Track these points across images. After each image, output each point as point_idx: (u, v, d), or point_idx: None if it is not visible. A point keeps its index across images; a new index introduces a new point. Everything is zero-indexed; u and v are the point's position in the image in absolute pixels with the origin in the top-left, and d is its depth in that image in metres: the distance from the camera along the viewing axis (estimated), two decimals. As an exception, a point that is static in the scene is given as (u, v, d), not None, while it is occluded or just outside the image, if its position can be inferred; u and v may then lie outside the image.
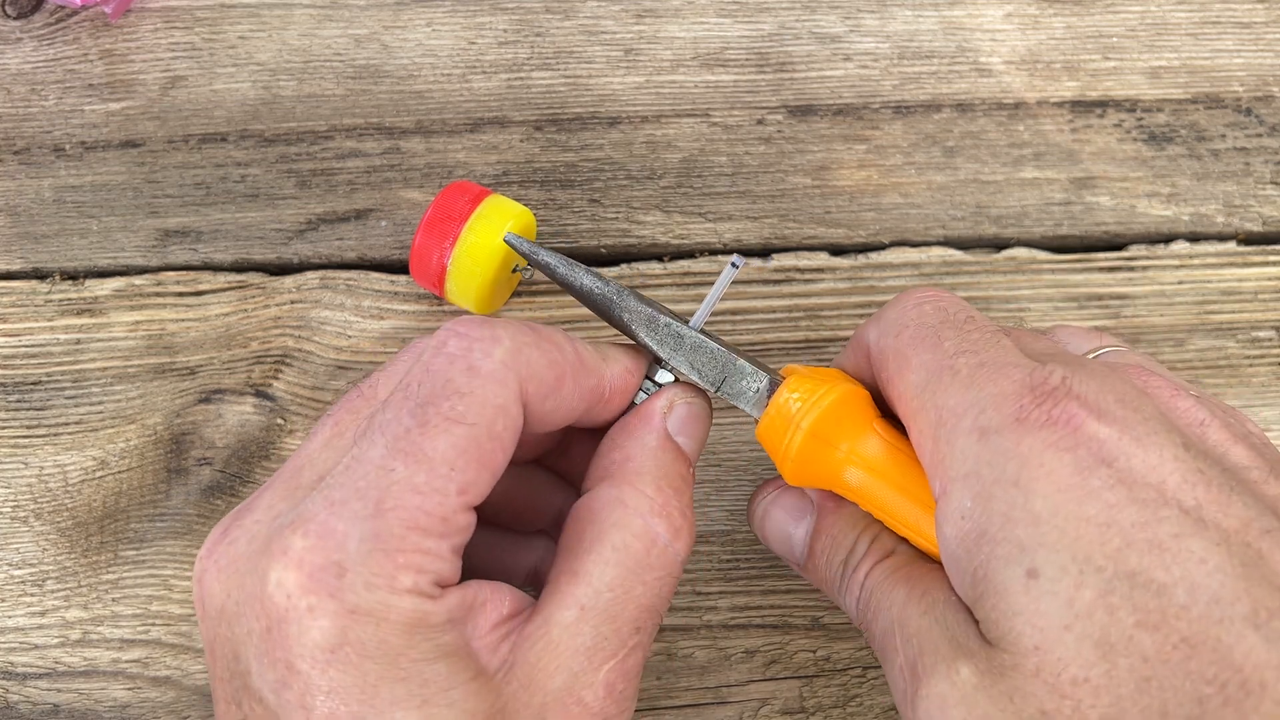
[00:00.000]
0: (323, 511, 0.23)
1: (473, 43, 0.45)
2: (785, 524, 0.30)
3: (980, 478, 0.24)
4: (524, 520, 0.32)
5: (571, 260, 0.30)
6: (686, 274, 0.41)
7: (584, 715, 0.24)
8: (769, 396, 0.28)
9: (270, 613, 0.23)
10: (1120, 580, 0.22)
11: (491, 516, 0.30)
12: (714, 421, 0.37)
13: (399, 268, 0.41)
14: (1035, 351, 0.27)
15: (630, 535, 0.26)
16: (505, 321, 0.26)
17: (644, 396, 0.29)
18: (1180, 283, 0.41)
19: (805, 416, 0.27)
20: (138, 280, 0.40)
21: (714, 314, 0.40)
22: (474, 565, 0.26)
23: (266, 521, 0.25)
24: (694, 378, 0.29)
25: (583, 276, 0.30)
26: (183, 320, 0.39)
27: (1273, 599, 0.21)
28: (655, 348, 0.29)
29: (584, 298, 0.30)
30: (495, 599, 0.25)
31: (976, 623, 0.24)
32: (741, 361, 0.29)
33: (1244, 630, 0.21)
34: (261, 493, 0.26)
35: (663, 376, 0.29)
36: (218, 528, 0.26)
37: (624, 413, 0.29)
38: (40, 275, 0.41)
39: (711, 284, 0.40)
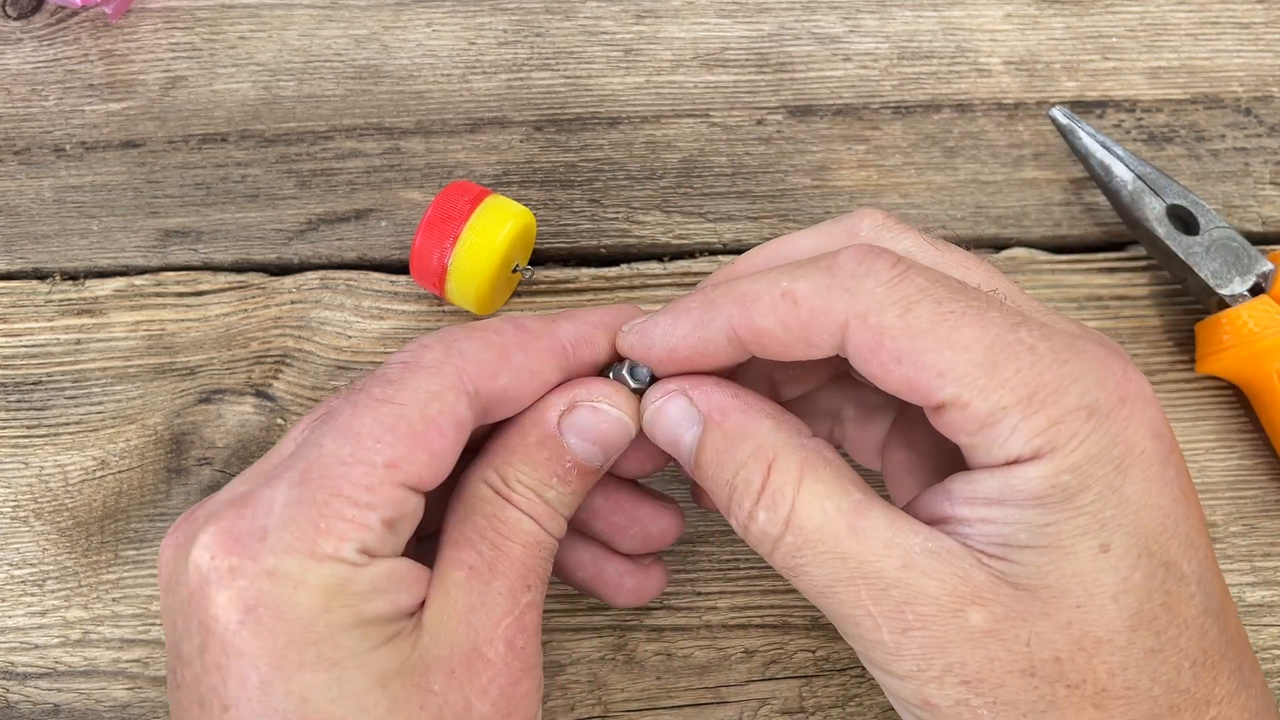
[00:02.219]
0: (259, 486, 0.25)
1: (473, 43, 0.45)
2: (675, 428, 0.29)
3: (1085, 453, 0.25)
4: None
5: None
6: (686, 274, 0.41)
7: (487, 669, 0.25)
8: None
9: (196, 576, 0.24)
10: (1160, 566, 0.25)
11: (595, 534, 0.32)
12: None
13: (399, 268, 0.41)
14: (1027, 309, 0.28)
15: (498, 508, 0.27)
16: (439, 330, 0.28)
17: (632, 385, 0.29)
18: (1180, 283, 0.41)
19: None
20: (138, 280, 0.40)
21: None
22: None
23: (222, 500, 0.26)
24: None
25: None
26: (183, 320, 0.39)
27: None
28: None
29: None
30: (424, 576, 0.26)
31: (983, 566, 0.25)
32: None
33: (1212, 620, 0.26)
34: (234, 480, 0.27)
35: (639, 374, 0.29)
36: (186, 511, 0.27)
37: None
38: (40, 275, 0.41)
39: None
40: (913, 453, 0.33)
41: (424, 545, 0.30)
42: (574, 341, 0.29)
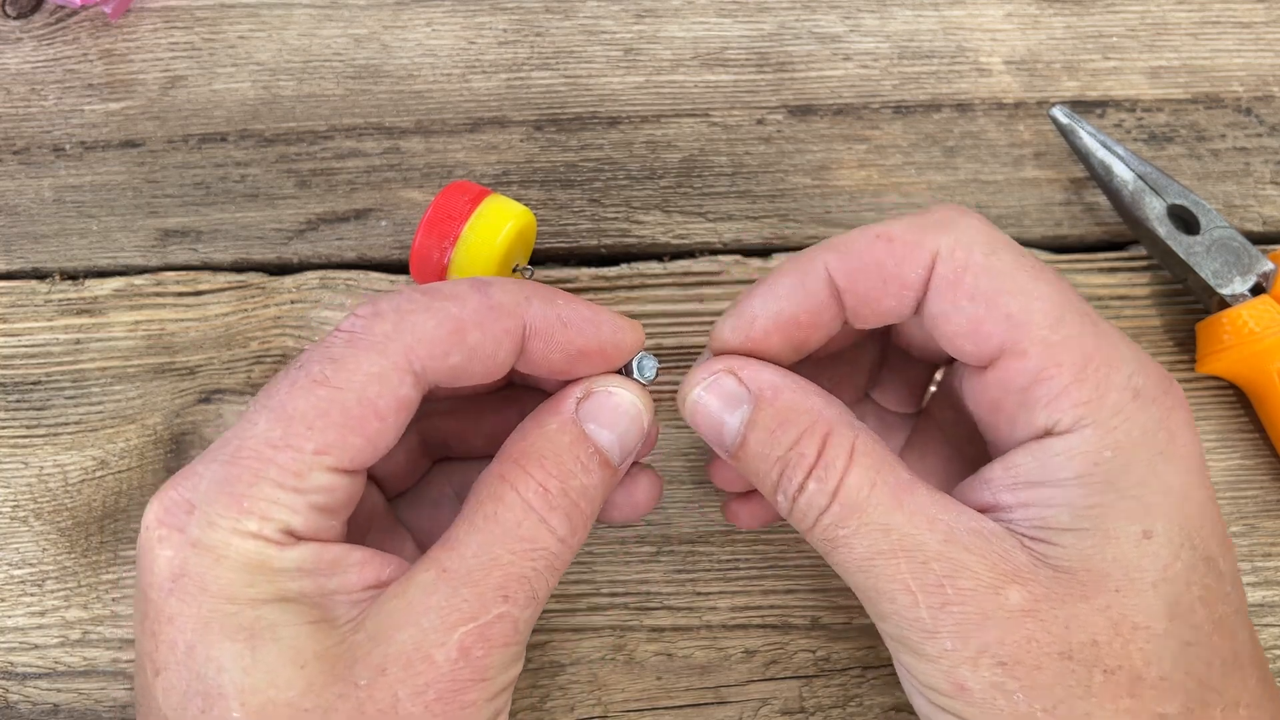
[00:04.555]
0: (197, 461, 0.25)
1: (473, 43, 0.45)
2: (719, 411, 0.28)
3: (1128, 435, 0.25)
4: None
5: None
6: (686, 274, 0.41)
7: (429, 671, 0.24)
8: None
9: (140, 546, 0.25)
10: (1201, 560, 0.25)
11: None
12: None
13: (399, 268, 0.41)
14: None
15: (502, 506, 0.26)
16: (395, 294, 0.27)
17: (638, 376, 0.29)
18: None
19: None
20: (138, 280, 0.40)
21: (712, 315, 0.40)
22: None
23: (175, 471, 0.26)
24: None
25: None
26: (183, 320, 0.39)
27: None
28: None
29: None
30: (375, 563, 0.26)
31: (1025, 548, 0.25)
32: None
33: (1242, 622, 0.26)
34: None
35: (647, 369, 0.29)
36: None
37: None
38: (40, 275, 0.40)
39: (711, 285, 0.40)
40: (929, 460, 0.33)
41: None
42: (546, 326, 0.28)
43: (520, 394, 0.32)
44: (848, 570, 0.26)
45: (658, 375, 0.30)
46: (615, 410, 0.28)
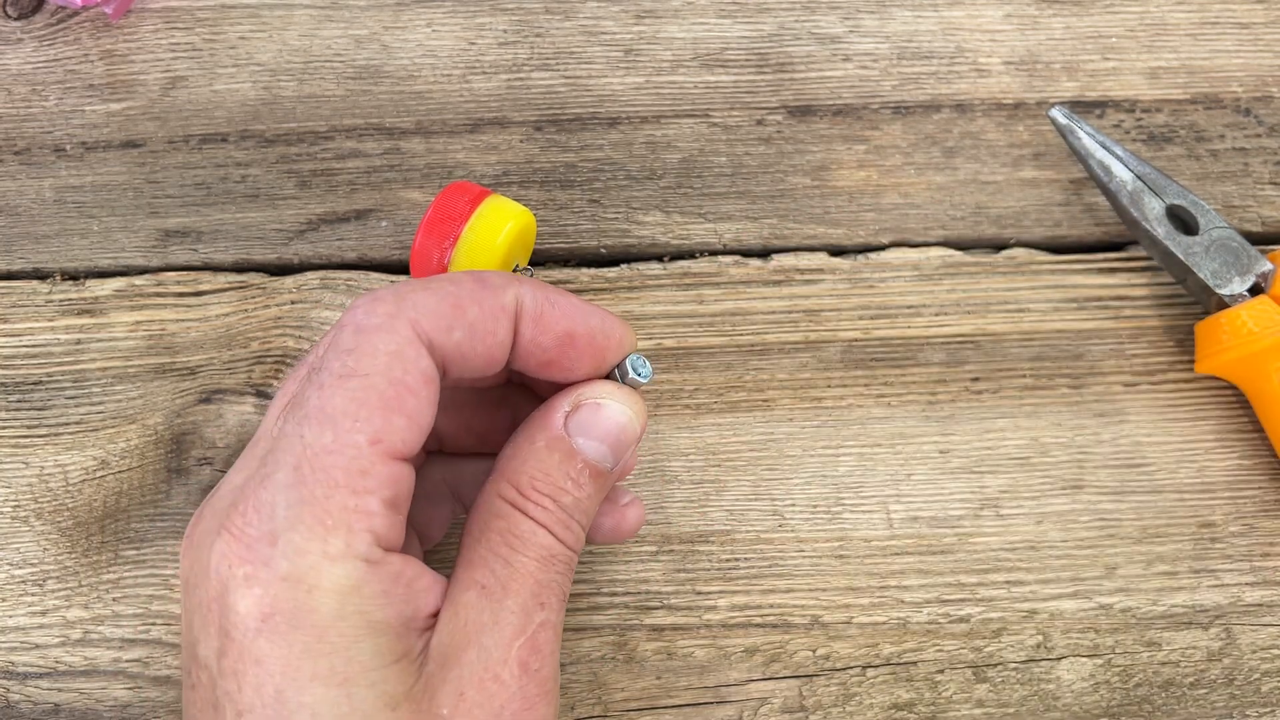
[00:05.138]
0: (255, 485, 0.24)
1: (473, 43, 0.45)
2: None
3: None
4: None
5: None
6: (686, 274, 0.41)
7: (503, 692, 0.25)
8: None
9: (215, 583, 0.24)
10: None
11: None
12: (714, 423, 0.37)
13: (399, 268, 0.41)
14: None
15: (513, 522, 0.27)
16: (395, 284, 0.26)
17: (637, 378, 0.29)
18: (1179, 283, 0.41)
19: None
20: (138, 280, 0.40)
21: (712, 315, 0.40)
22: None
23: (226, 496, 0.26)
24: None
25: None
26: (183, 320, 0.40)
27: None
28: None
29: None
30: (436, 587, 0.26)
31: None
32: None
33: None
34: (231, 470, 0.27)
35: (641, 369, 0.29)
36: (197, 510, 0.27)
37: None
38: (41, 275, 0.41)
39: (711, 285, 0.40)
40: None
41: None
42: (536, 306, 0.27)
43: (513, 395, 0.32)
44: None
45: (651, 379, 0.29)
46: (604, 422, 0.28)
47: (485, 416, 0.32)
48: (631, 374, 0.29)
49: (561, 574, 0.27)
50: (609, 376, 0.29)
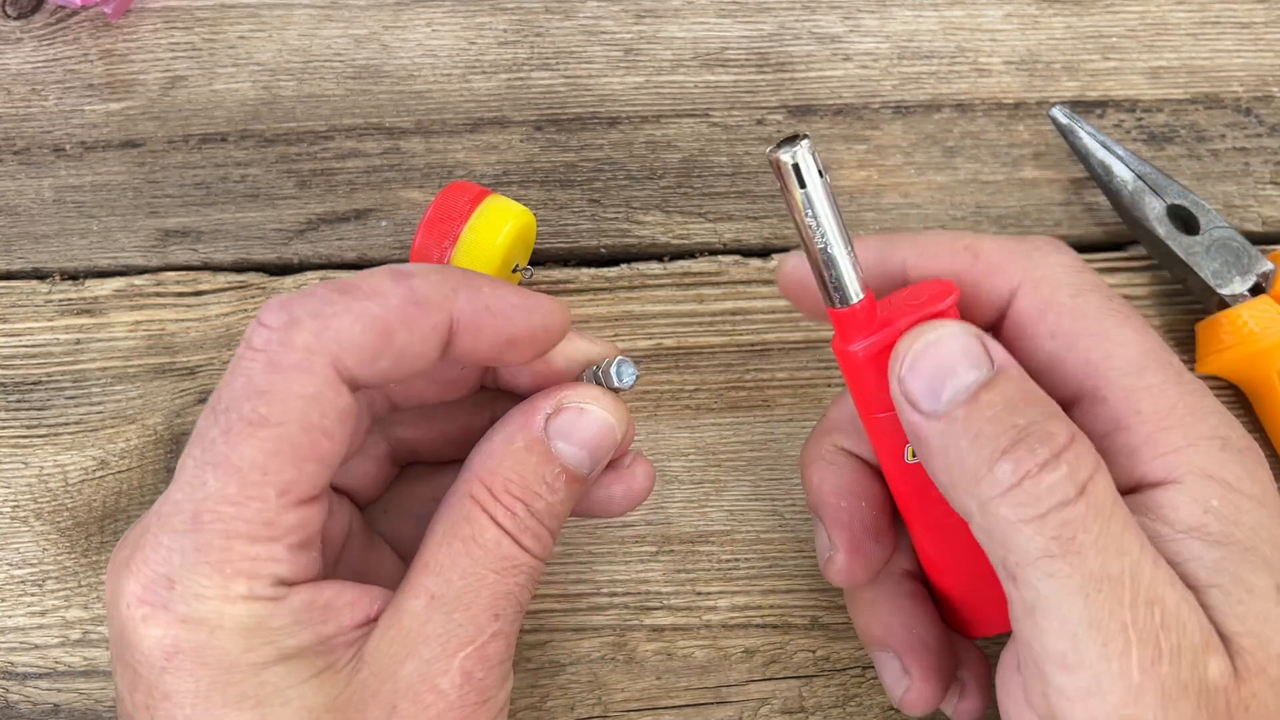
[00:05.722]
0: (154, 525, 0.24)
1: (473, 43, 0.45)
2: (955, 359, 0.25)
3: (1226, 484, 0.24)
4: None
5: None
6: (686, 274, 0.41)
7: (439, 702, 0.24)
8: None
9: (119, 620, 0.24)
10: None
11: None
12: (714, 423, 0.37)
13: (399, 268, 0.41)
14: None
15: (477, 527, 0.26)
16: (309, 294, 0.25)
17: (615, 380, 0.28)
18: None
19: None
20: (138, 280, 0.40)
21: (712, 315, 0.40)
22: None
23: (140, 526, 0.25)
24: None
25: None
26: (183, 320, 0.39)
27: None
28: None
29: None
30: (362, 600, 0.25)
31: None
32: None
33: None
34: (171, 484, 0.26)
35: (625, 375, 0.28)
36: (123, 535, 0.26)
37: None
38: (40, 275, 0.41)
39: (711, 285, 0.40)
40: None
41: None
42: (479, 318, 0.26)
43: (492, 399, 0.31)
44: (1062, 591, 0.22)
45: (636, 383, 0.28)
46: (586, 427, 0.27)
47: (462, 422, 0.31)
48: (616, 380, 0.28)
49: (522, 584, 0.26)
50: (595, 380, 0.29)
